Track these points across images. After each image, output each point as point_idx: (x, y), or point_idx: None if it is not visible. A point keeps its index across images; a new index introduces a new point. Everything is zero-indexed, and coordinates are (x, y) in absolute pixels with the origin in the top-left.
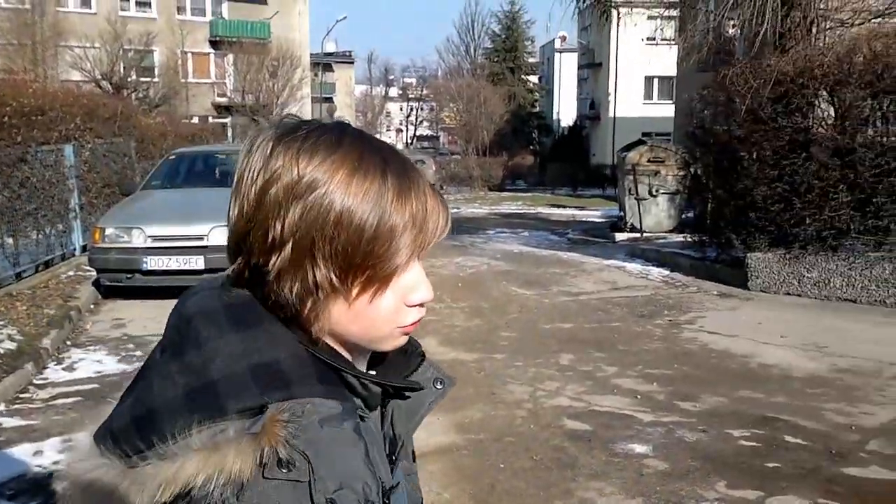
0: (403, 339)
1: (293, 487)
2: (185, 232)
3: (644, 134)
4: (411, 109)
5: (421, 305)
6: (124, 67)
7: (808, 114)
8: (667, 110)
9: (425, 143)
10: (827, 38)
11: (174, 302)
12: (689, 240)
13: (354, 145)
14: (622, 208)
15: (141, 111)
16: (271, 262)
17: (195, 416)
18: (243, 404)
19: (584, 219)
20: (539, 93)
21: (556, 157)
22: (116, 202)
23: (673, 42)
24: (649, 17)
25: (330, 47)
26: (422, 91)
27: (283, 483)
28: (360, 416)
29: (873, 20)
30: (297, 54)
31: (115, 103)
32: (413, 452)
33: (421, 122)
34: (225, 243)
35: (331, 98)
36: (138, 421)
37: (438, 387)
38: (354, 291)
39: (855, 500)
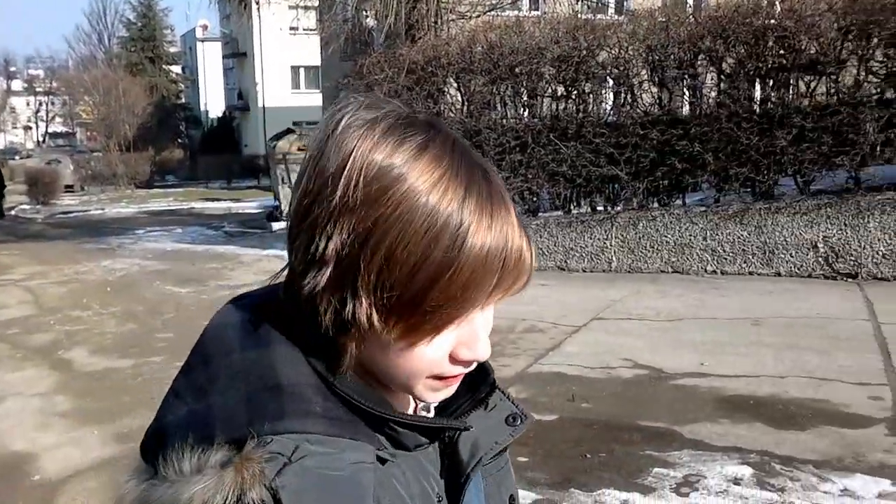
0: (436, 396)
1: None
2: None
3: (294, 123)
4: (40, 104)
5: (468, 363)
6: None
7: (440, 99)
8: (315, 99)
9: (60, 141)
10: (451, 30)
11: None
12: None
13: (441, 156)
14: (277, 197)
15: None
16: (307, 278)
17: (189, 438)
18: (230, 434)
19: (240, 211)
20: (184, 83)
21: (207, 150)
22: None
23: (314, 32)
24: (290, 7)
25: None
26: (51, 83)
27: None
28: (381, 458)
29: (489, 13)
30: None
31: None
32: (511, 499)
33: (53, 117)
34: None
35: None
36: (152, 436)
37: (512, 423)
38: (395, 334)
39: None
